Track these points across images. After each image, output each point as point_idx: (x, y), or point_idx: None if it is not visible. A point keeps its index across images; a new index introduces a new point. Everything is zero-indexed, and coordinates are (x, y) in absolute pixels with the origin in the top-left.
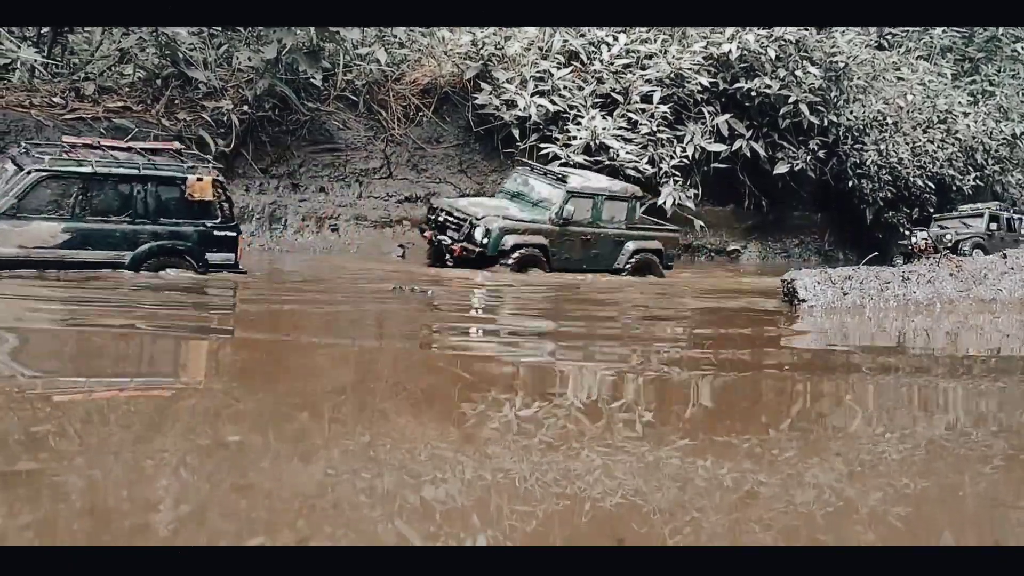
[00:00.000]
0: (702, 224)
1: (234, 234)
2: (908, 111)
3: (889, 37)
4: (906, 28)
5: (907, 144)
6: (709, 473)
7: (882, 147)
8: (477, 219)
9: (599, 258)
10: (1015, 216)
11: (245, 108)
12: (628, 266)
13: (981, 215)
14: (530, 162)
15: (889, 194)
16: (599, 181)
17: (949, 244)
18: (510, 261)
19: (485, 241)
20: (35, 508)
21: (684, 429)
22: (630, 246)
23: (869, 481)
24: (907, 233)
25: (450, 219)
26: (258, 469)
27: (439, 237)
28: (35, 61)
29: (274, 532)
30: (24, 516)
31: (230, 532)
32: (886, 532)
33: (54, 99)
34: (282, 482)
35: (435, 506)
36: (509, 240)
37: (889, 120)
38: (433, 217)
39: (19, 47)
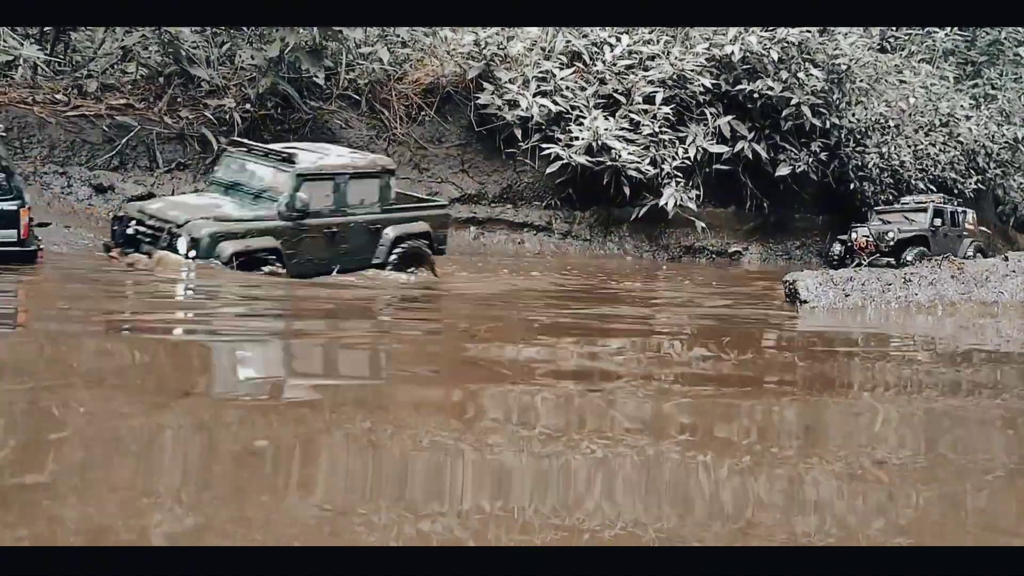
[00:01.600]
0: (703, 225)
1: (14, 207)
2: (910, 114)
3: (892, 40)
4: (908, 31)
5: (909, 147)
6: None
7: (884, 150)
8: (178, 226)
9: (352, 253)
10: (959, 210)
11: (247, 106)
12: (393, 258)
13: (925, 209)
14: (245, 140)
15: (891, 197)
16: (338, 156)
17: (891, 242)
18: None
19: (193, 255)
20: None
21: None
22: (389, 233)
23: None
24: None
25: (142, 229)
26: None
27: (129, 253)
28: (38, 59)
29: None
30: None
31: None
32: None
33: (56, 96)
34: None
35: None
36: (226, 248)
37: (891, 123)
38: (119, 228)
39: (22, 44)
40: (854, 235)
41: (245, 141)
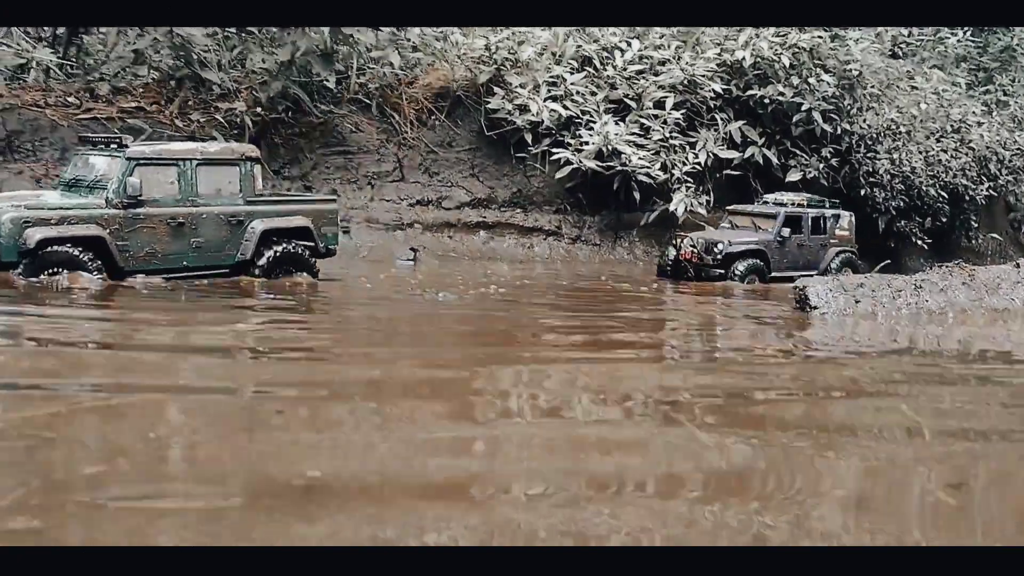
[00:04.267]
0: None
1: None
2: (921, 120)
3: (903, 46)
4: (920, 37)
5: (920, 153)
6: None
7: (895, 156)
8: None
9: (207, 248)
10: (828, 215)
11: (258, 110)
12: (265, 259)
13: (774, 216)
14: (91, 135)
15: (902, 203)
16: (190, 144)
17: (719, 255)
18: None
19: None
20: None
21: None
22: (256, 227)
23: None
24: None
25: None
26: None
27: None
28: (50, 62)
29: None
30: None
31: None
32: None
33: (68, 99)
34: None
35: None
36: (33, 235)
37: (902, 129)
38: None
39: (34, 47)
40: (680, 245)
41: (89, 135)
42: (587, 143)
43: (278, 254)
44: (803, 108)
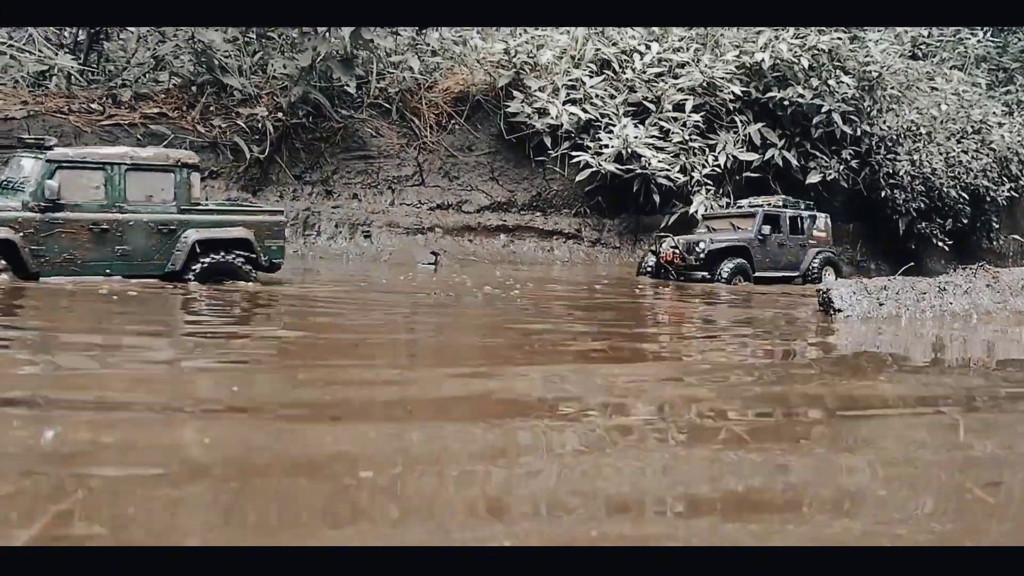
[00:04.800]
0: None
1: None
2: (942, 121)
3: (923, 47)
4: (940, 37)
5: (941, 154)
6: None
7: (915, 157)
8: None
9: (133, 256)
10: (805, 215)
11: (280, 115)
12: (195, 267)
13: (752, 215)
14: (27, 136)
15: (922, 204)
16: (120, 149)
17: (701, 254)
18: None
19: None
20: None
21: None
22: (190, 236)
23: None
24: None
25: None
26: None
27: None
28: (72, 68)
29: None
30: None
31: None
32: None
33: (92, 106)
34: None
35: None
36: None
37: (922, 130)
38: None
39: (56, 54)
40: (662, 247)
41: (26, 137)
42: (606, 146)
43: (206, 265)
44: (823, 110)
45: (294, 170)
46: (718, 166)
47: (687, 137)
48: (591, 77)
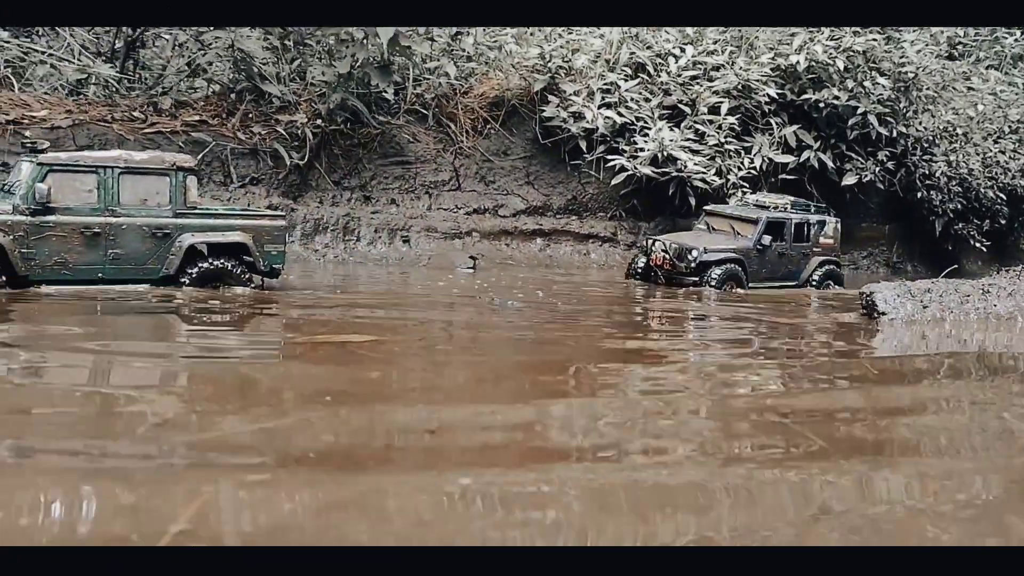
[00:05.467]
0: None
1: None
2: (978, 121)
3: (959, 47)
4: (976, 37)
5: (978, 155)
6: None
7: (952, 158)
8: None
9: (126, 261)
10: (813, 221)
11: (318, 121)
12: (192, 272)
13: (755, 221)
14: (26, 140)
15: (959, 205)
16: (113, 152)
17: (693, 262)
18: None
19: None
20: None
21: None
22: (186, 240)
23: None
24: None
25: None
26: None
27: None
28: (110, 76)
29: None
30: None
31: None
32: None
33: (134, 114)
34: None
35: None
36: None
37: (959, 131)
38: None
39: (94, 63)
40: (652, 249)
41: (25, 141)
42: (642, 149)
43: (202, 271)
44: (858, 111)
45: (333, 176)
46: (754, 168)
47: (723, 140)
48: (626, 81)
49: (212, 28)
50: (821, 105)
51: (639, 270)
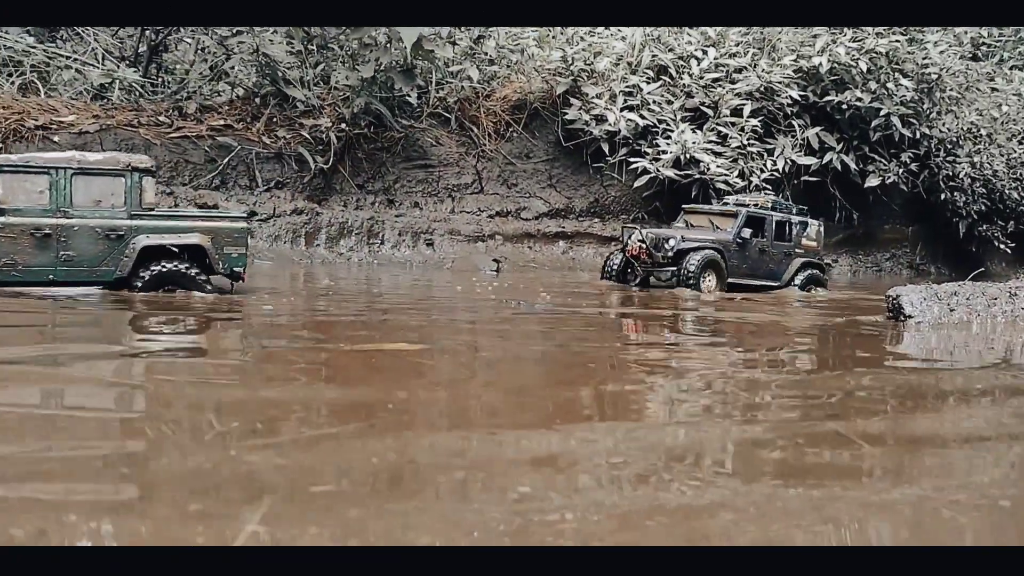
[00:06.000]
0: None
1: None
2: (1003, 122)
3: (983, 47)
4: (1000, 37)
5: (1002, 156)
6: None
7: (976, 159)
8: None
9: (78, 262)
10: (794, 220)
11: (342, 125)
12: (144, 275)
13: (735, 215)
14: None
15: (983, 207)
16: (67, 153)
17: (670, 252)
18: None
19: None
20: None
21: None
22: (140, 242)
23: None
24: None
25: None
26: None
27: None
28: (134, 81)
29: None
30: None
31: None
32: None
33: (160, 118)
34: None
35: None
36: None
37: (983, 132)
38: None
39: (118, 67)
40: (628, 240)
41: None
42: (664, 152)
43: (155, 273)
44: (881, 113)
45: (357, 180)
46: (776, 170)
47: (745, 142)
48: (648, 83)
49: (234, 32)
50: (844, 107)
51: (614, 270)
